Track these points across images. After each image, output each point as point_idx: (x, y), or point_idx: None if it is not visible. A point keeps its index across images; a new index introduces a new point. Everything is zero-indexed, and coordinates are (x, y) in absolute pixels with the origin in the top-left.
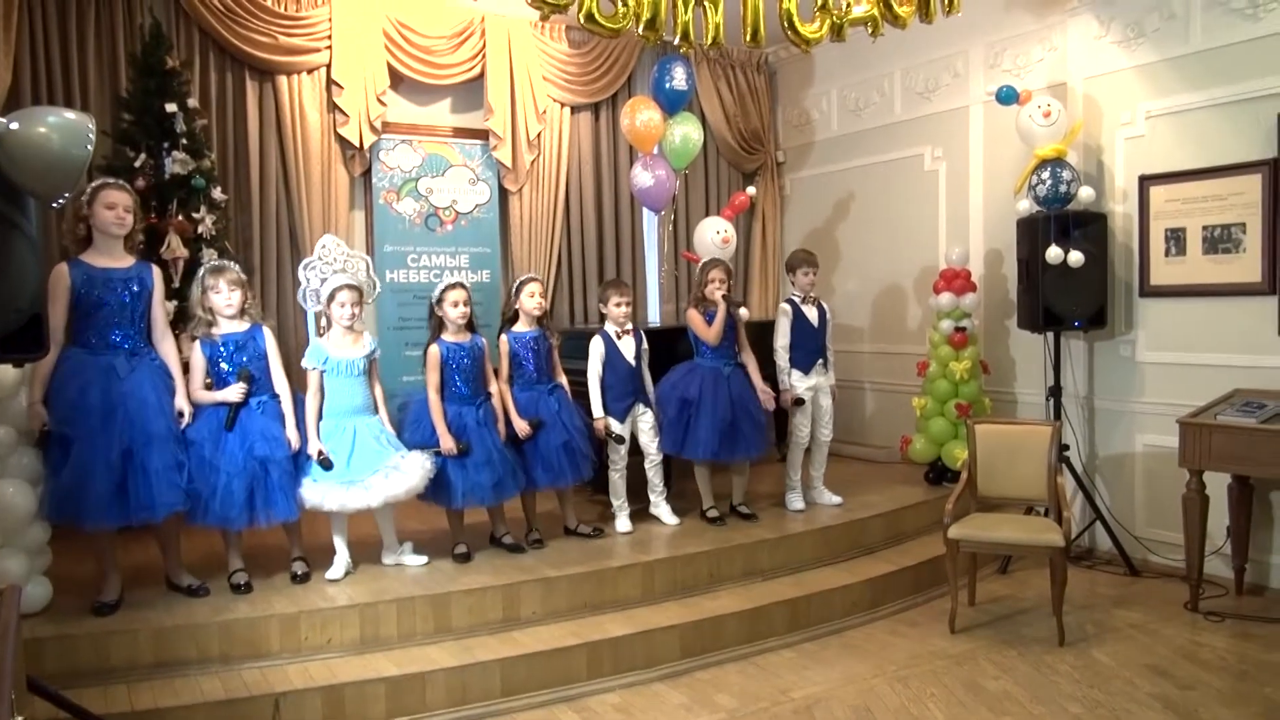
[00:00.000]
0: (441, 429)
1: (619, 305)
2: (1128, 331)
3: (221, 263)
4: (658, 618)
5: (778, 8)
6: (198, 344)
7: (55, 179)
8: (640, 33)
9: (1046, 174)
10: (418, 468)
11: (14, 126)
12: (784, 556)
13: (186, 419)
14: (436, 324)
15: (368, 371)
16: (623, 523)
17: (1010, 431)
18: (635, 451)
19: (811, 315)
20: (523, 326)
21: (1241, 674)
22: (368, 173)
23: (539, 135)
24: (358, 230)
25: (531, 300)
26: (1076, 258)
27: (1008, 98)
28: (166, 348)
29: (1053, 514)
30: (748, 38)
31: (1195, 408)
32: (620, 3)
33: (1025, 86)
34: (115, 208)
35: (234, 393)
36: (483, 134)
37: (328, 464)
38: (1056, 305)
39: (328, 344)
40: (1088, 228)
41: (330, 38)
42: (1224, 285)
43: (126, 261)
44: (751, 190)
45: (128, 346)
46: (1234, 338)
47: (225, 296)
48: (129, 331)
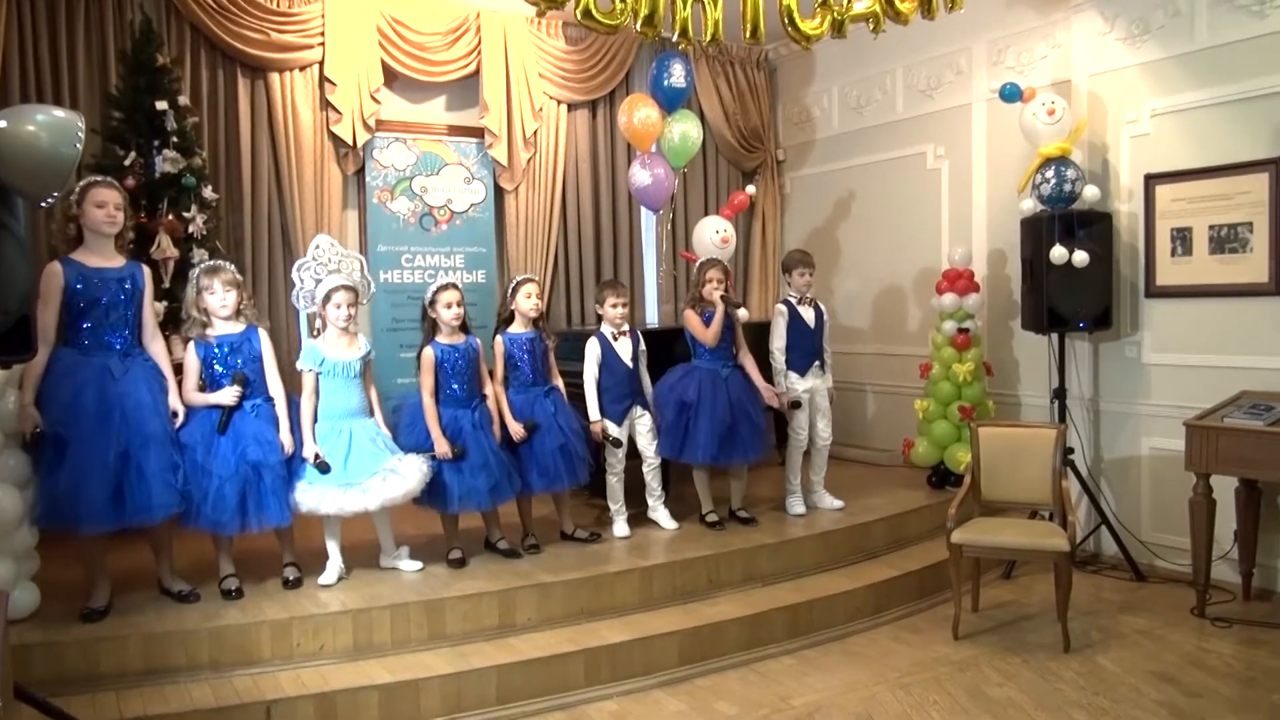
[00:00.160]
0: (436, 433)
1: (615, 306)
2: (1133, 333)
3: (217, 263)
4: (656, 624)
5: (778, 4)
6: (192, 345)
7: (44, 178)
8: (638, 29)
9: (1051, 173)
10: (415, 471)
11: (2, 125)
12: (784, 561)
13: (179, 420)
14: (430, 326)
15: (363, 373)
16: (620, 527)
17: (1014, 434)
18: (633, 455)
19: (808, 316)
20: (518, 328)
21: (1249, 680)
22: (361, 171)
23: (535, 133)
24: (351, 230)
25: (528, 301)
26: (1081, 258)
27: (1011, 95)
28: (156, 348)
29: (1057, 518)
30: (747, 34)
31: (1202, 410)
32: None
33: (1029, 84)
34: (105, 206)
35: (227, 395)
36: (478, 132)
37: (325, 467)
38: (1061, 306)
39: (323, 345)
40: (1093, 227)
41: (323, 34)
42: (1231, 286)
43: (119, 261)
44: (751, 189)
45: (121, 347)
46: (1241, 339)
47: (220, 297)
48: (122, 332)
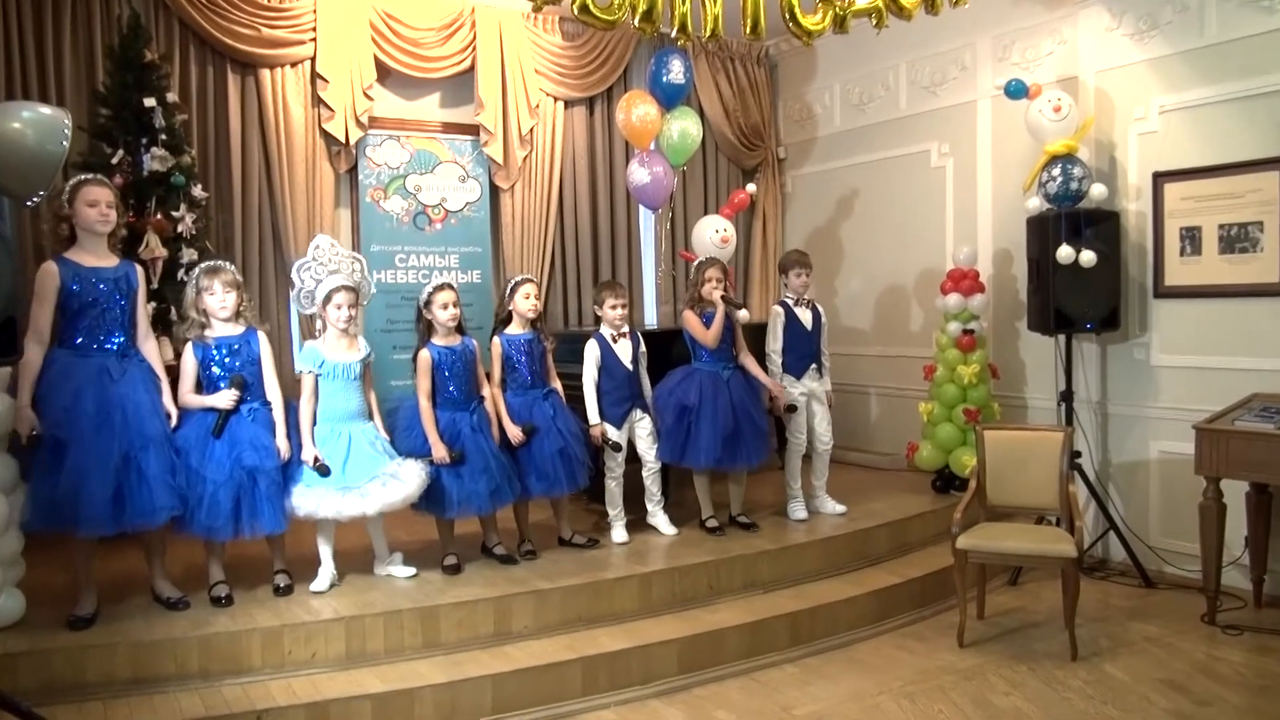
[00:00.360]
0: (433, 437)
1: (615, 307)
2: (1142, 334)
3: (217, 263)
4: (655, 631)
5: None
6: (190, 346)
7: (30, 176)
8: (636, 24)
9: (1057, 171)
10: (415, 476)
11: None
12: (786, 568)
13: (173, 422)
14: (425, 327)
15: (363, 376)
16: (619, 533)
17: (1020, 438)
18: (631, 459)
19: (805, 318)
20: (516, 328)
21: (1261, 689)
22: (354, 169)
23: (531, 131)
24: (343, 229)
25: (526, 302)
26: (1088, 257)
27: (1017, 92)
28: (150, 348)
29: (1064, 523)
30: (748, 30)
31: (1212, 413)
32: None
33: (1035, 80)
34: (97, 204)
35: (224, 399)
36: (473, 129)
37: (324, 470)
38: (1068, 307)
39: (323, 347)
40: (1100, 226)
41: (315, 29)
42: (1241, 286)
43: (112, 260)
44: (751, 188)
45: (118, 347)
46: (1252, 340)
47: (220, 298)
48: (119, 332)
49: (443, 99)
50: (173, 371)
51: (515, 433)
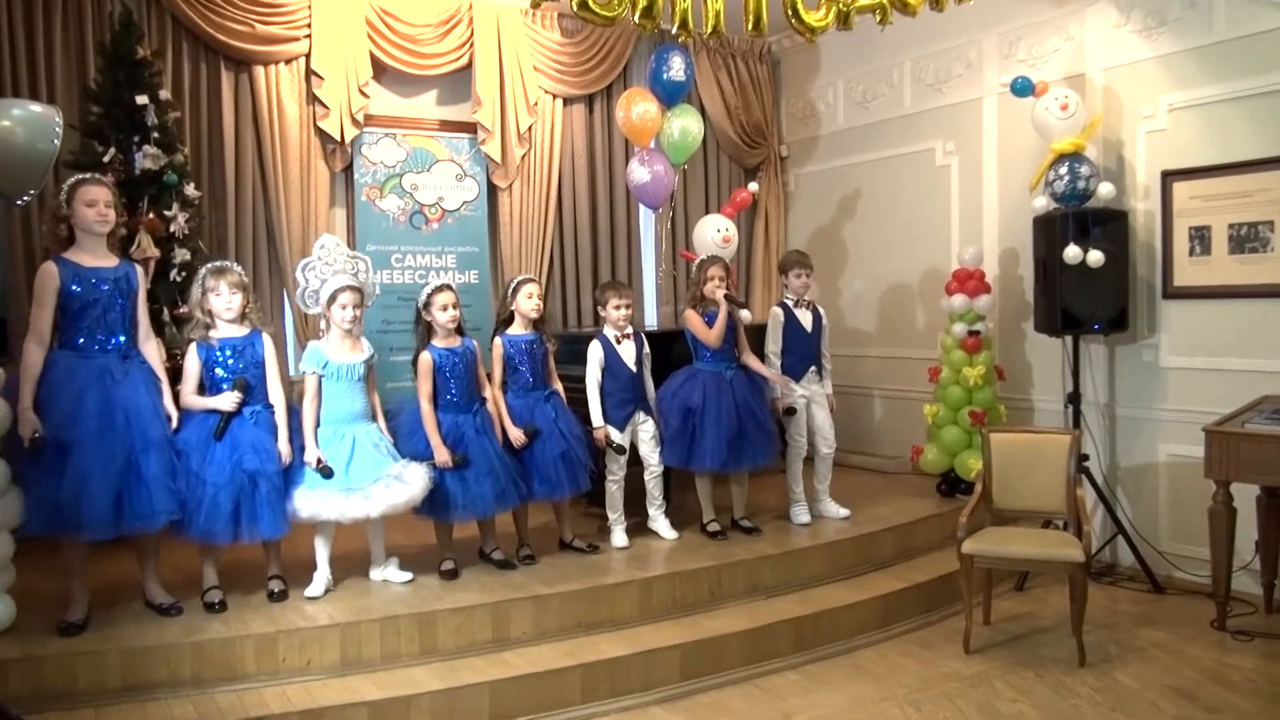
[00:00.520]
0: (436, 440)
1: (618, 308)
2: (1150, 335)
3: (224, 264)
4: (656, 637)
5: None
6: (193, 347)
7: (21, 175)
8: (636, 20)
9: (1064, 169)
10: (419, 478)
11: None
12: (789, 573)
13: (173, 424)
14: (425, 329)
15: (366, 377)
16: (619, 537)
17: (1027, 441)
18: (632, 461)
19: (805, 320)
20: (518, 329)
21: (1272, 696)
22: (349, 168)
23: (530, 129)
24: (339, 229)
25: (529, 302)
26: (1096, 257)
27: (1023, 89)
28: (150, 349)
29: (1072, 528)
30: (749, 26)
31: (1222, 415)
32: None
33: (1041, 77)
34: (96, 204)
35: (226, 401)
36: (470, 127)
37: (327, 472)
38: (1075, 307)
39: (326, 347)
40: (1108, 226)
41: (309, 26)
42: (1251, 286)
43: (112, 260)
44: (754, 186)
45: (119, 348)
46: (1262, 341)
47: (226, 300)
48: (120, 333)
49: (440, 96)
50: (170, 372)
51: (517, 435)
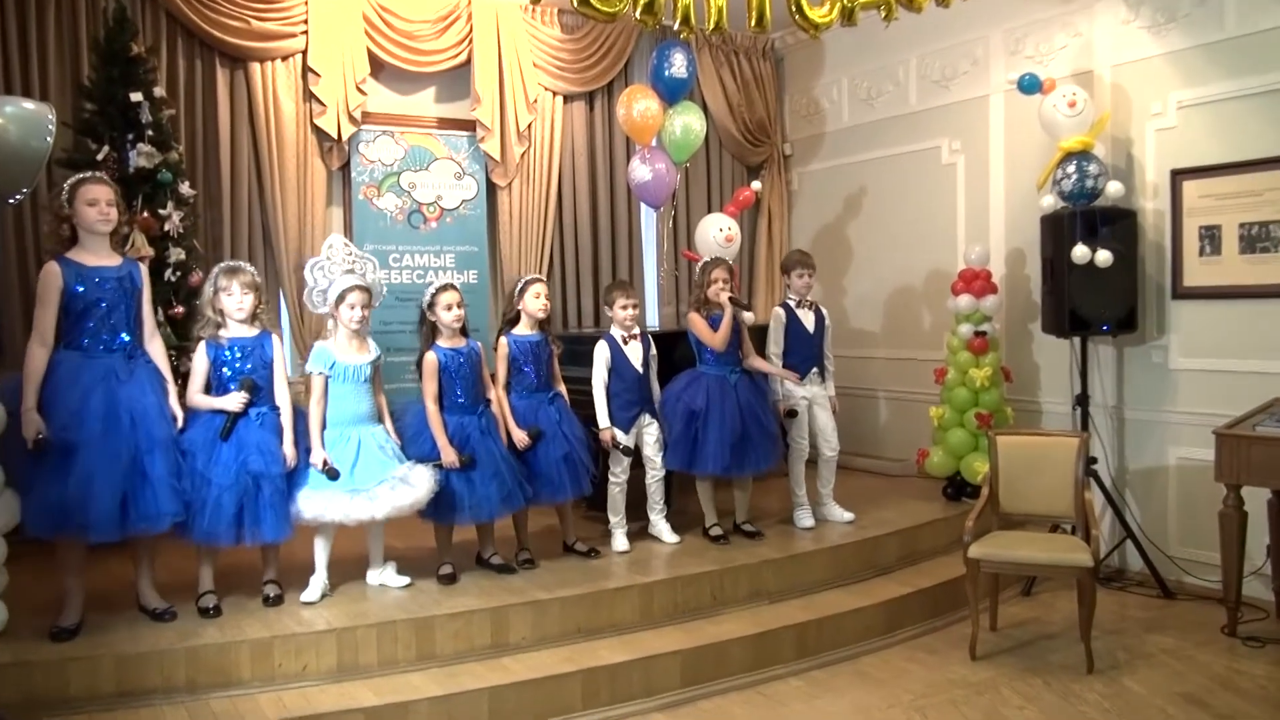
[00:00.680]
0: (442, 441)
1: (626, 308)
2: (1159, 336)
3: (237, 264)
4: (657, 643)
5: None
6: (203, 345)
7: (13, 173)
8: (638, 16)
9: (1072, 168)
10: (425, 481)
11: None
12: (792, 577)
13: (179, 424)
14: (429, 330)
15: (373, 378)
16: (620, 541)
17: (1034, 443)
18: (634, 464)
19: (807, 321)
20: (524, 329)
21: None
22: (346, 166)
23: (529, 126)
24: (336, 228)
25: (536, 302)
26: (1104, 257)
27: (1030, 86)
28: (155, 348)
29: (1080, 532)
30: (753, 22)
31: (1232, 418)
32: None
33: (1049, 74)
34: (97, 203)
35: (233, 401)
36: (469, 125)
37: (333, 473)
38: (1083, 308)
39: (333, 348)
40: (1116, 225)
41: (306, 22)
42: (1263, 287)
43: (116, 259)
44: (757, 185)
45: (124, 348)
46: (1274, 342)
47: (237, 300)
48: (125, 332)
49: (438, 93)
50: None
51: (521, 437)
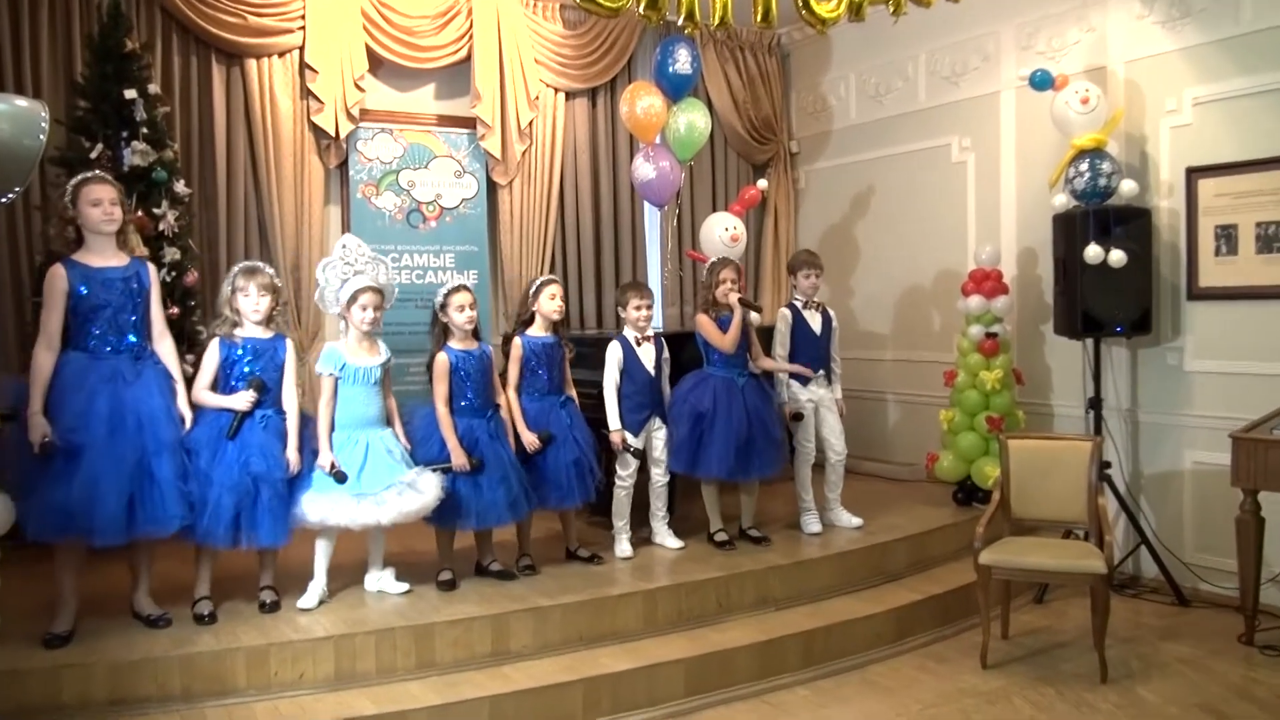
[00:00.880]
0: (453, 443)
1: (640, 309)
2: (1174, 338)
3: (256, 264)
4: (661, 651)
5: None
6: (216, 342)
7: (5, 172)
8: (641, 12)
9: (1085, 166)
10: (433, 487)
11: None
12: (799, 584)
13: (187, 425)
14: (441, 330)
15: (383, 381)
16: (623, 547)
17: (1046, 447)
18: (640, 469)
19: (814, 322)
20: (538, 331)
21: None
22: (344, 164)
23: (531, 124)
24: (333, 227)
25: (552, 303)
26: (1118, 257)
27: (1042, 83)
28: (165, 348)
29: (1093, 538)
30: (758, 18)
31: (1249, 421)
32: None
33: (1061, 70)
34: (100, 203)
35: (241, 400)
36: (470, 122)
37: (341, 477)
38: (1096, 309)
39: (344, 349)
40: (1130, 224)
41: (304, 18)
42: None
43: (122, 259)
44: (763, 183)
45: (131, 349)
46: None
47: (254, 301)
48: (132, 333)
49: (438, 90)
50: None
51: (531, 439)
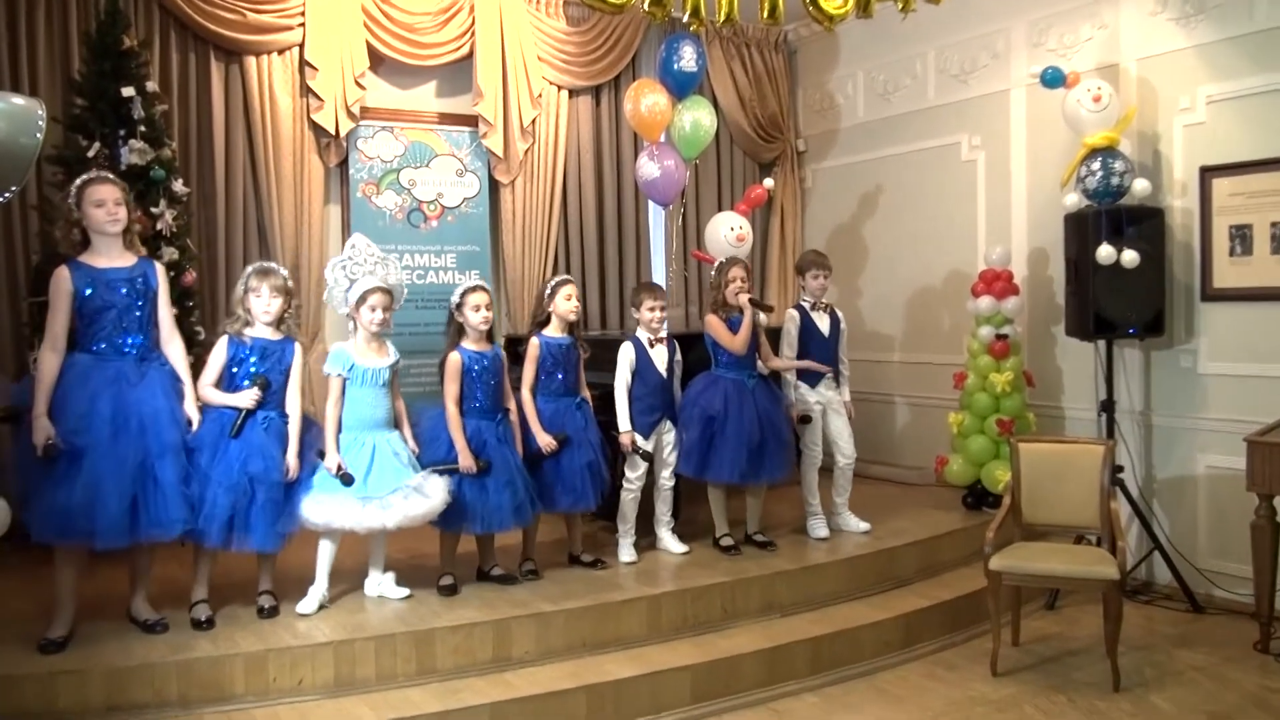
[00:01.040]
0: (461, 444)
1: (653, 310)
2: (1188, 340)
3: (269, 265)
4: (666, 658)
5: None
6: (224, 339)
7: (2, 171)
8: (646, 8)
9: (1097, 165)
10: (440, 491)
11: None
12: (806, 590)
13: (193, 428)
14: (455, 330)
15: (391, 382)
16: (626, 551)
17: (1058, 451)
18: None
19: (822, 324)
20: (554, 332)
21: None
22: (344, 163)
23: (534, 122)
24: (333, 226)
25: (568, 303)
26: (1131, 257)
27: (1053, 80)
28: (174, 349)
29: (1106, 543)
30: (765, 14)
31: (1264, 425)
32: None
33: (1073, 68)
34: (104, 204)
35: (246, 398)
36: (471, 120)
37: (348, 479)
38: (1109, 310)
39: (352, 350)
40: (1143, 224)
41: (303, 14)
42: None
43: (129, 260)
44: (769, 182)
45: (137, 351)
46: None
47: (265, 302)
48: (137, 334)
49: (439, 88)
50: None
51: (547, 440)
